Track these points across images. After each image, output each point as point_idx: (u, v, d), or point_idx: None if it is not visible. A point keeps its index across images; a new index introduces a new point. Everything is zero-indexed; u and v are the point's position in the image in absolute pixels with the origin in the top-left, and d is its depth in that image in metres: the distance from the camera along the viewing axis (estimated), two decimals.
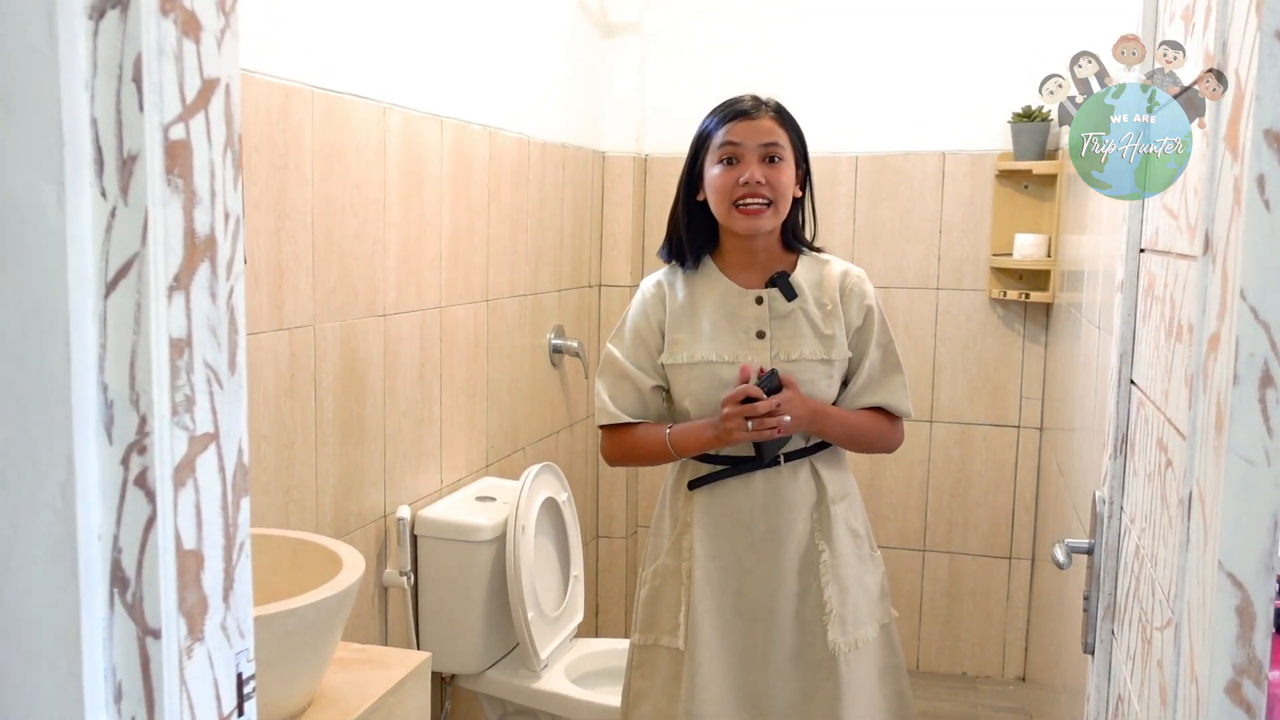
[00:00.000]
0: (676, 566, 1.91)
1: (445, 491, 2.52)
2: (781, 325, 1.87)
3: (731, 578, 1.89)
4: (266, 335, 1.84)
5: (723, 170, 1.84)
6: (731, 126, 1.84)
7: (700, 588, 1.87)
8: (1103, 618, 1.29)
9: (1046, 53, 3.18)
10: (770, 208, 1.83)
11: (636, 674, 1.97)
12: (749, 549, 1.88)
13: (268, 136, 1.82)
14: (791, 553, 1.87)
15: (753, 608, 1.88)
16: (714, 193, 1.86)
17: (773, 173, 1.82)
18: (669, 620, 1.91)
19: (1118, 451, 1.26)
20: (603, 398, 1.94)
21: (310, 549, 1.51)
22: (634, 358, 1.93)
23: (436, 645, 2.36)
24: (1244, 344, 0.67)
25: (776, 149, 1.83)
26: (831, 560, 1.87)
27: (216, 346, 0.78)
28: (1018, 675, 3.47)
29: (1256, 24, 0.67)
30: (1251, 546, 0.68)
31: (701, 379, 1.86)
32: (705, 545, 1.89)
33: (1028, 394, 3.36)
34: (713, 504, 1.89)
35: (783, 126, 1.86)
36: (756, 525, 1.87)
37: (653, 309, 1.94)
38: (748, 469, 1.87)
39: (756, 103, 1.87)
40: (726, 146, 1.83)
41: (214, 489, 0.79)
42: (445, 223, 2.46)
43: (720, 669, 1.86)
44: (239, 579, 0.85)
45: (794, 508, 1.87)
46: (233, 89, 0.78)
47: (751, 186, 1.81)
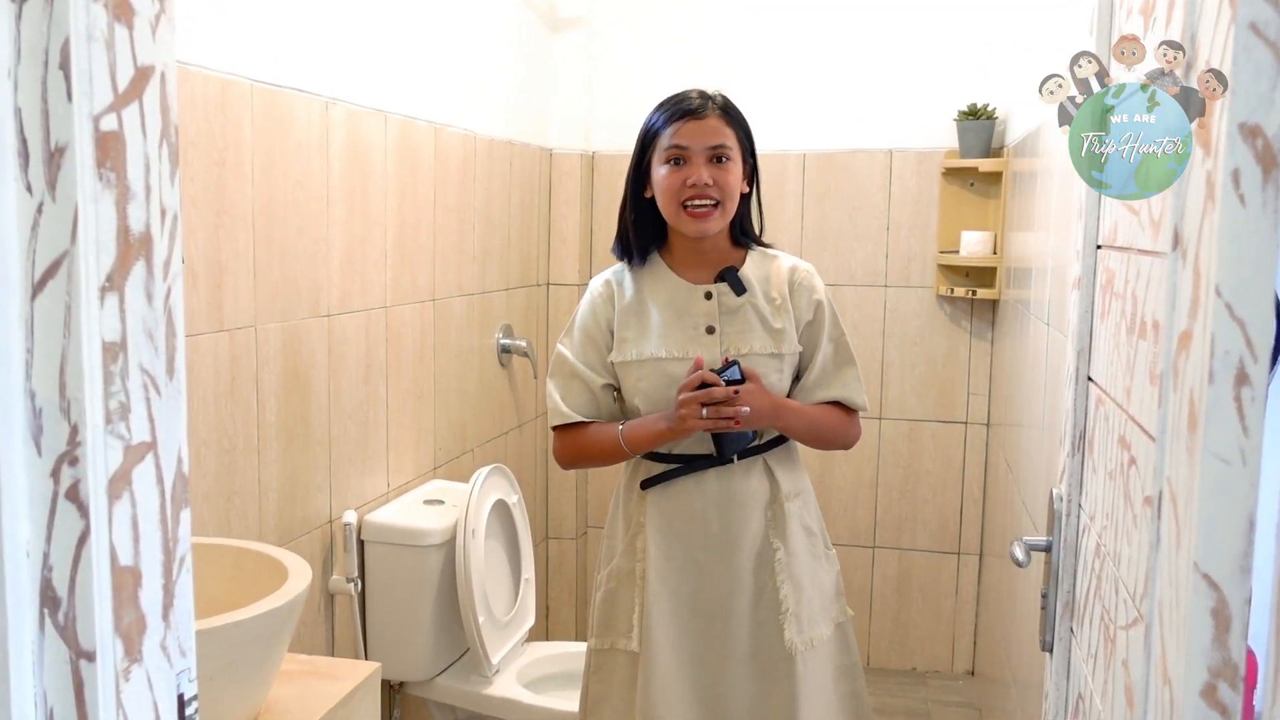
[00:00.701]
0: (631, 568, 1.89)
1: (392, 495, 2.47)
2: (731, 320, 1.86)
3: (686, 578, 1.87)
4: (205, 337, 1.78)
5: (670, 171, 1.82)
6: (678, 127, 1.82)
7: (654, 589, 1.85)
8: (1061, 615, 1.29)
9: (992, 51, 3.22)
10: (718, 208, 1.82)
11: (594, 679, 1.95)
12: (703, 548, 1.86)
13: (205, 131, 1.76)
14: (746, 551, 1.86)
15: (708, 607, 1.86)
16: (662, 194, 1.85)
17: (720, 173, 1.81)
18: (625, 623, 1.89)
19: (1076, 449, 1.26)
20: (554, 398, 1.92)
21: (254, 558, 1.45)
22: (584, 357, 1.91)
23: (385, 652, 2.31)
24: (1219, 341, 0.66)
25: (724, 149, 1.82)
26: (786, 558, 1.86)
27: (153, 351, 0.74)
28: (967, 670, 3.49)
29: (1230, 16, 0.66)
30: (1227, 548, 0.67)
31: (651, 376, 1.84)
32: (659, 545, 1.87)
33: (974, 390, 3.39)
34: (666, 503, 1.87)
35: (729, 124, 1.84)
36: (710, 524, 1.86)
37: (601, 308, 1.92)
38: (701, 467, 1.85)
39: (704, 100, 1.85)
40: (673, 148, 1.82)
41: (152, 501, 0.75)
42: (390, 220, 2.41)
43: (676, 670, 1.84)
44: (179, 595, 0.80)
45: (748, 506, 1.86)
46: (168, 77, 0.73)
47: (699, 188, 1.80)
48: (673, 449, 1.87)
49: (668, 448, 1.86)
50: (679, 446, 1.86)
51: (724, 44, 3.43)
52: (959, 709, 3.28)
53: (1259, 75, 0.64)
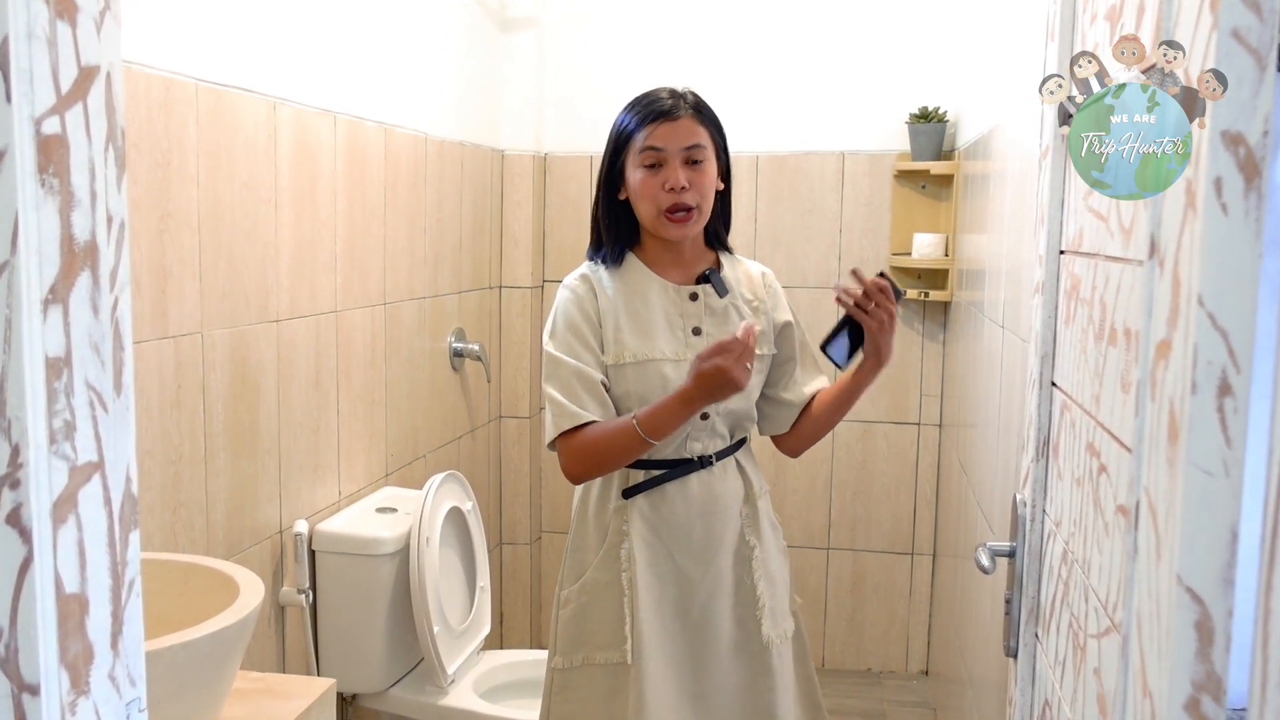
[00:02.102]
0: (612, 579, 1.84)
1: (344, 504, 2.42)
2: (715, 321, 1.85)
3: (670, 584, 1.84)
4: (149, 344, 1.72)
5: (646, 175, 1.79)
6: (652, 130, 1.79)
7: (644, 597, 1.82)
8: (1026, 621, 1.29)
9: (943, 54, 3.24)
10: (695, 211, 1.81)
11: (558, 699, 1.88)
12: (687, 554, 1.84)
13: (148, 132, 1.70)
14: (726, 551, 1.86)
15: (692, 610, 1.85)
16: (640, 199, 1.81)
17: (695, 175, 1.79)
18: (605, 636, 1.84)
19: (1040, 454, 1.26)
20: (559, 400, 1.80)
21: (203, 573, 1.41)
22: (579, 355, 1.82)
23: (337, 664, 2.26)
24: (1202, 351, 0.65)
25: (699, 150, 1.80)
26: (761, 554, 1.88)
27: (100, 365, 0.70)
28: (921, 670, 3.51)
29: (1212, 22, 0.65)
30: (1210, 560, 0.67)
31: (648, 377, 1.80)
32: (644, 553, 1.83)
33: (927, 391, 3.41)
34: (650, 511, 1.84)
35: (703, 124, 1.82)
36: (694, 529, 1.84)
37: (588, 304, 1.85)
38: (684, 472, 1.83)
39: (675, 99, 1.82)
40: (648, 151, 1.79)
41: (99, 524, 0.71)
42: (340, 223, 2.36)
43: (665, 675, 1.83)
44: (129, 621, 0.77)
45: (728, 507, 1.86)
46: (114, 78, 0.70)
47: (677, 193, 1.78)
48: (656, 454, 1.83)
49: (652, 452, 1.81)
50: (664, 451, 1.83)
51: (676, 45, 3.41)
52: (914, 709, 3.30)
53: (1241, 82, 0.63)
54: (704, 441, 1.83)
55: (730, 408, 1.83)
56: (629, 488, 1.84)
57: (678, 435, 1.80)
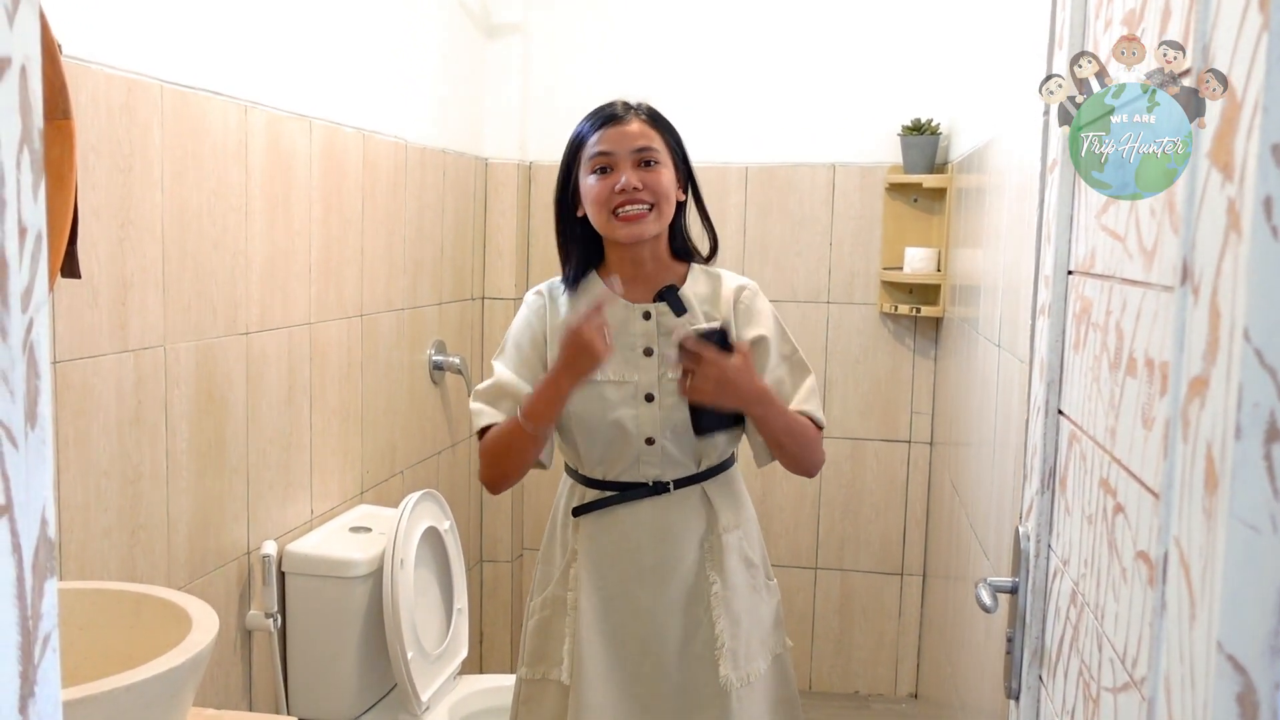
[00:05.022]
0: (563, 597, 1.81)
1: (316, 523, 2.33)
2: (670, 341, 1.74)
3: (616, 608, 1.79)
4: (107, 358, 1.64)
5: (597, 180, 1.74)
6: (602, 134, 1.74)
7: (586, 618, 1.77)
8: (1029, 663, 1.21)
9: (937, 66, 3.18)
10: (652, 211, 1.73)
11: (523, 709, 1.86)
12: (636, 580, 1.78)
13: (108, 135, 1.62)
14: (680, 584, 1.78)
15: (640, 640, 1.79)
16: (591, 204, 1.76)
17: (649, 176, 1.73)
18: (556, 653, 1.80)
19: (1045, 485, 1.19)
20: (478, 405, 1.80)
21: (155, 605, 1.32)
22: (516, 370, 1.81)
23: (306, 691, 2.17)
24: (1248, 392, 0.58)
25: (650, 153, 1.74)
26: (723, 592, 1.78)
27: (9, 397, 0.62)
28: (910, 692, 3.44)
29: (1260, 23, 0.58)
30: (1256, 626, 0.59)
31: (587, 399, 1.74)
32: (591, 575, 1.79)
33: (918, 409, 3.34)
34: (599, 532, 1.79)
35: (655, 128, 1.77)
36: (644, 555, 1.78)
37: (534, 321, 1.83)
38: (636, 496, 1.78)
39: (625, 107, 1.78)
40: (598, 156, 1.74)
41: (5, 574, 0.63)
42: (315, 232, 2.28)
43: (607, 703, 1.76)
44: (42, 682, 0.68)
45: (683, 537, 1.78)
46: (30, 72, 0.62)
47: (629, 193, 1.71)
48: (607, 475, 1.79)
49: (601, 473, 1.78)
50: (614, 473, 1.78)
51: (665, 54, 3.34)
52: None
53: None
54: (659, 467, 1.77)
55: (681, 432, 1.75)
56: (578, 506, 1.81)
57: (625, 457, 1.76)
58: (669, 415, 1.74)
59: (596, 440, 1.76)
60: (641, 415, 1.75)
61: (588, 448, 1.78)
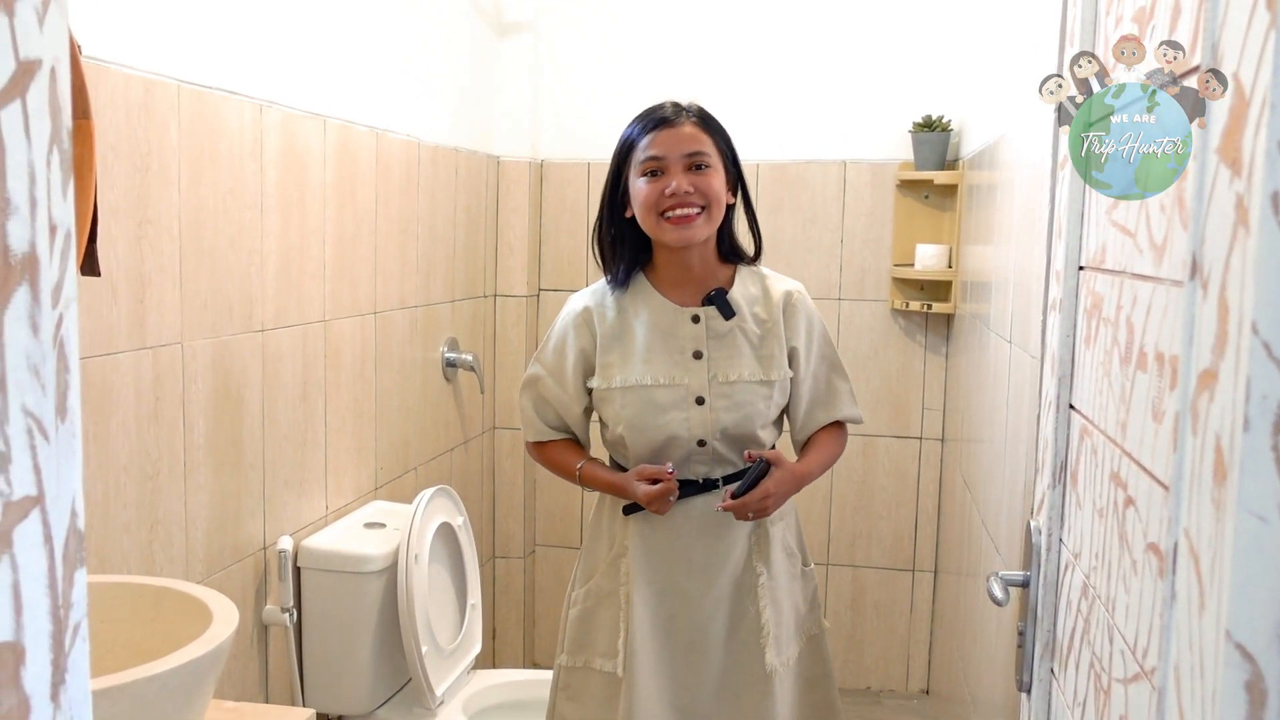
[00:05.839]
0: (613, 590, 1.85)
1: (331, 519, 2.35)
2: (719, 345, 1.80)
3: (667, 602, 1.84)
4: (126, 355, 1.66)
5: (648, 183, 1.76)
6: (653, 137, 1.76)
7: (638, 612, 1.82)
8: (1041, 656, 1.22)
9: (948, 63, 3.18)
10: (703, 214, 1.75)
11: (563, 696, 1.91)
12: (686, 574, 1.84)
13: (127, 135, 1.64)
14: (728, 576, 1.84)
15: (687, 631, 1.84)
16: (640, 207, 1.77)
17: (700, 180, 1.75)
18: (604, 644, 1.86)
19: (1056, 480, 1.19)
20: (529, 414, 1.93)
21: (176, 598, 1.34)
22: (558, 379, 1.88)
23: (321, 685, 2.19)
24: (1256, 384, 0.59)
25: (702, 156, 1.76)
26: (769, 582, 1.85)
27: (40, 390, 0.63)
28: (921, 689, 3.44)
29: (1269, 20, 0.59)
30: (1265, 615, 0.60)
31: (636, 403, 1.78)
32: (642, 570, 1.84)
33: (929, 405, 3.34)
34: (650, 530, 1.84)
35: (707, 132, 1.78)
36: (694, 550, 1.83)
37: (580, 333, 1.86)
38: (685, 494, 1.81)
39: (677, 109, 1.79)
40: (650, 160, 1.75)
41: (38, 564, 0.65)
42: (329, 230, 2.30)
43: (657, 692, 1.82)
44: (73, 669, 0.70)
45: (732, 532, 1.84)
46: (59, 73, 0.63)
47: (679, 196, 1.73)
48: None
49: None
50: None
51: (675, 51, 3.35)
52: None
53: None
54: (709, 465, 1.81)
55: (731, 434, 1.80)
56: (627, 505, 1.84)
57: (675, 459, 1.81)
58: (719, 418, 1.78)
59: (648, 442, 1.79)
60: (693, 418, 1.78)
61: (637, 449, 1.81)
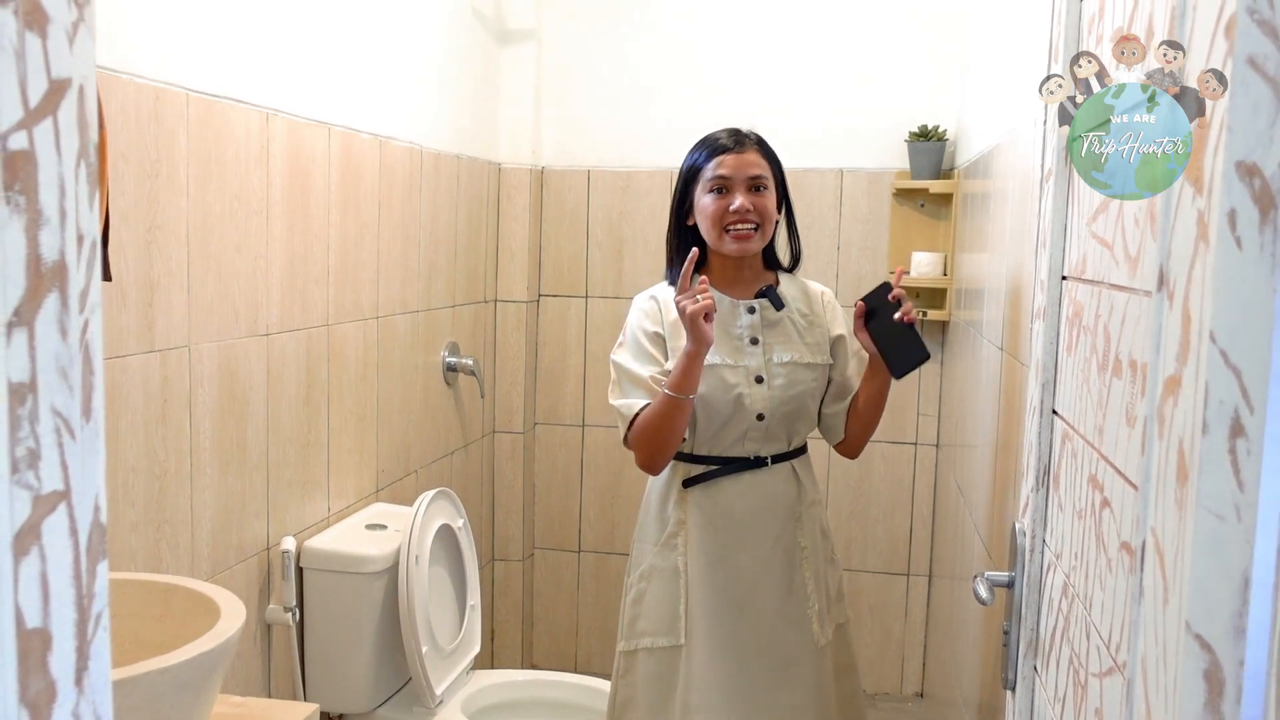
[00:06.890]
0: (666, 565, 2.03)
1: (333, 520, 2.38)
2: (772, 332, 2.06)
3: (719, 570, 2.01)
4: (135, 358, 1.70)
5: (714, 199, 2.01)
6: (721, 160, 2.02)
7: (695, 582, 2.01)
8: (1024, 654, 1.26)
9: (943, 73, 3.22)
10: (758, 230, 2.02)
11: (622, 682, 2.08)
12: (738, 543, 2.02)
13: (137, 143, 1.67)
14: (776, 547, 2.03)
15: (738, 601, 2.01)
16: (706, 219, 2.03)
17: (759, 200, 2.01)
18: (657, 619, 2.02)
19: (1040, 483, 1.23)
20: (620, 404, 2.03)
21: (184, 595, 1.37)
22: (641, 362, 2.04)
23: (323, 683, 2.22)
24: (1214, 390, 0.63)
25: (761, 179, 2.02)
26: (813, 557, 2.06)
27: (68, 391, 0.67)
28: (916, 691, 3.48)
29: (1226, 49, 0.63)
30: (1221, 608, 0.64)
31: (711, 380, 1.98)
32: (699, 539, 2.02)
33: (924, 411, 3.38)
34: (707, 502, 2.03)
35: (764, 158, 2.05)
36: (745, 520, 2.02)
37: (653, 319, 2.07)
38: (739, 469, 2.02)
39: (740, 137, 2.05)
40: (716, 179, 2.01)
41: (64, 556, 0.68)
42: (333, 236, 2.34)
43: (712, 661, 1.99)
44: (95, 657, 0.73)
45: (779, 506, 2.04)
46: (87, 91, 0.67)
47: (741, 213, 1.99)
48: (713, 451, 2.03)
49: (708, 449, 2.02)
50: (720, 449, 2.02)
51: (676, 61, 3.39)
52: None
53: (1257, 112, 0.61)
54: (759, 443, 2.03)
55: (785, 409, 2.01)
56: (689, 478, 2.04)
57: (735, 432, 2.00)
58: (776, 394, 2.01)
59: (717, 415, 2.00)
60: (754, 394, 2.01)
61: (706, 423, 2.01)
